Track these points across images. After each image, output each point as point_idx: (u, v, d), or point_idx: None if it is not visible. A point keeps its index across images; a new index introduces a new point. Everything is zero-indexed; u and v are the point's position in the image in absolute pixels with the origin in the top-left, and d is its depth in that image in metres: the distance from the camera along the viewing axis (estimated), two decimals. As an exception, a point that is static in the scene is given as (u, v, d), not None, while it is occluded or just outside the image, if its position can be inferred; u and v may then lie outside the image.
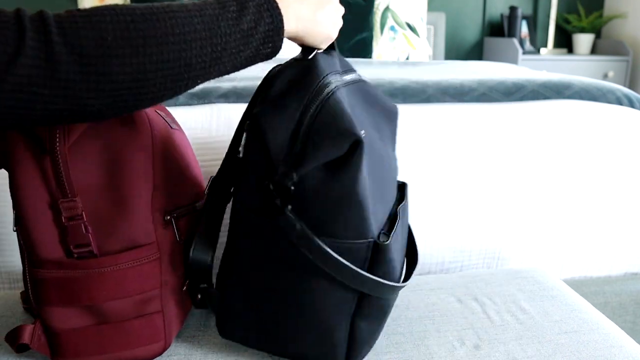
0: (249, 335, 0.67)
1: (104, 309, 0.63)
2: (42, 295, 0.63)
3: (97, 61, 0.46)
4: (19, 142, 0.60)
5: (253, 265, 0.64)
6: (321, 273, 0.62)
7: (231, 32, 0.54)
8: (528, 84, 1.22)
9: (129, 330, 0.65)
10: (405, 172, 1.05)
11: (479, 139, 1.10)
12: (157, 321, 0.66)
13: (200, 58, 0.52)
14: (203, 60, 0.52)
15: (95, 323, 0.64)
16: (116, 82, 0.48)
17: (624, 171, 1.15)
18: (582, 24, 3.02)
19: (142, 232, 0.63)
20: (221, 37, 0.53)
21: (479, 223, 1.08)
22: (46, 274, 0.62)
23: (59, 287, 0.62)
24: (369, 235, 0.62)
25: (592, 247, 1.16)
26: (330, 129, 0.59)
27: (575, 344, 0.73)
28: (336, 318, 0.64)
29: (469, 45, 3.12)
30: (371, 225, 0.62)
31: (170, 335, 0.68)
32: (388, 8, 2.42)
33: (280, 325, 0.65)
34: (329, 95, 0.62)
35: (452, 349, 0.72)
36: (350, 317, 0.66)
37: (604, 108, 1.21)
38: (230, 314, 0.67)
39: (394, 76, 1.32)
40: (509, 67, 1.83)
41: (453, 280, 0.91)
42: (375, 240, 0.63)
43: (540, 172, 1.11)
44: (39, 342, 0.64)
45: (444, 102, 1.18)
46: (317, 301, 0.63)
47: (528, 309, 0.82)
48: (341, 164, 0.59)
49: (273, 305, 0.65)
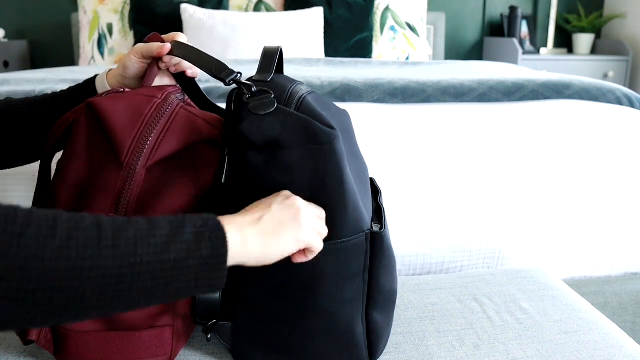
0: (270, 357, 0.67)
1: (117, 317, 0.63)
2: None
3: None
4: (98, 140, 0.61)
5: (254, 288, 0.64)
6: (324, 280, 0.62)
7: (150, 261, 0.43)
8: (528, 84, 1.22)
9: (137, 341, 0.64)
10: (405, 172, 1.05)
11: (479, 139, 1.10)
12: (167, 334, 0.66)
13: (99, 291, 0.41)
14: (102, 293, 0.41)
15: (104, 329, 0.64)
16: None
17: (624, 171, 1.15)
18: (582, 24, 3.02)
19: None
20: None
21: (479, 223, 1.08)
22: None
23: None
24: (365, 227, 0.64)
25: (592, 247, 1.16)
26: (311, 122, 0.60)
27: (575, 344, 0.73)
28: (350, 314, 0.65)
29: (469, 45, 3.12)
30: (363, 216, 0.63)
31: (177, 349, 0.68)
32: (388, 8, 2.42)
33: (299, 341, 0.65)
34: (302, 100, 0.64)
35: (452, 349, 0.72)
36: (363, 309, 0.67)
37: (604, 108, 1.21)
38: (246, 341, 0.67)
39: (394, 76, 1.32)
40: (509, 67, 1.83)
41: (453, 280, 0.91)
42: (372, 231, 0.65)
43: (540, 172, 1.10)
44: (45, 339, 0.64)
45: (444, 102, 1.18)
46: (327, 305, 0.63)
47: (528, 309, 0.82)
48: (325, 153, 0.59)
49: (285, 323, 0.64)
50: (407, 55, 2.43)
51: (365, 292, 0.66)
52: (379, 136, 1.07)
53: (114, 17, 2.33)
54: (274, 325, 0.65)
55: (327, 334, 0.65)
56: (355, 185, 0.65)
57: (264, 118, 0.59)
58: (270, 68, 0.67)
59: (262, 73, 0.67)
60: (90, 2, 2.34)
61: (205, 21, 2.22)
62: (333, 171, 0.59)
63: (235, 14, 2.24)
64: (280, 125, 0.59)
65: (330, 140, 0.59)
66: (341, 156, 0.60)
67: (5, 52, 2.59)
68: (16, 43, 2.62)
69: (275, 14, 2.26)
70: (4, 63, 2.59)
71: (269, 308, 0.64)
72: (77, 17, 2.59)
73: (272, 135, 0.58)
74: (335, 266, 0.62)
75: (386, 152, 1.05)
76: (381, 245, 0.65)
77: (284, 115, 0.60)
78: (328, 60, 1.89)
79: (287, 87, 0.65)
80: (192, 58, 0.69)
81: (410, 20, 2.45)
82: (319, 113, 0.62)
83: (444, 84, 1.20)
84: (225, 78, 0.65)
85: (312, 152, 0.59)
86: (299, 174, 0.59)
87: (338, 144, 0.60)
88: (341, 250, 0.62)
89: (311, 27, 2.27)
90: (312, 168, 0.59)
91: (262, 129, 0.59)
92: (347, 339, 0.66)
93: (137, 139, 0.61)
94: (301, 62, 1.85)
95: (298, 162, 0.59)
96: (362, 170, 0.72)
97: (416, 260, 1.07)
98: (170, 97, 0.67)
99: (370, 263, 0.66)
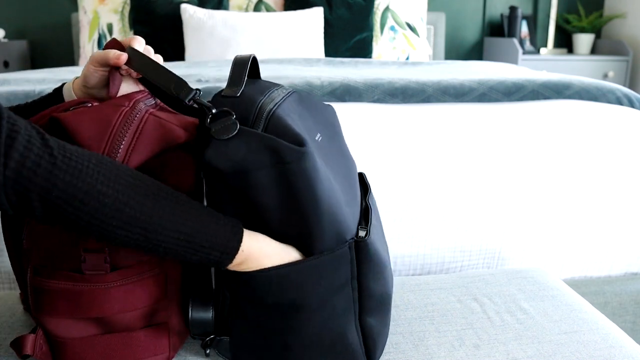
0: None
1: (110, 320, 0.63)
2: (46, 306, 0.62)
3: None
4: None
5: (245, 305, 0.64)
6: (313, 296, 0.62)
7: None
8: (528, 84, 1.22)
9: (135, 341, 0.64)
10: (405, 172, 1.05)
11: (479, 139, 1.10)
12: (162, 333, 0.66)
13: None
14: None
15: (101, 332, 0.63)
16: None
17: (624, 171, 1.15)
18: (582, 24, 3.02)
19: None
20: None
21: (479, 223, 1.08)
22: (53, 285, 0.61)
23: (66, 298, 0.61)
24: (348, 236, 0.63)
25: (592, 247, 1.16)
26: (277, 142, 0.58)
27: (575, 344, 0.73)
28: (343, 324, 0.65)
29: (469, 45, 3.12)
30: (346, 224, 0.63)
31: (175, 347, 0.68)
32: (388, 8, 2.42)
33: (296, 352, 0.64)
34: (271, 114, 0.61)
35: (452, 349, 0.72)
36: (356, 316, 0.66)
37: (604, 108, 1.21)
38: (244, 354, 0.67)
39: (394, 76, 1.32)
40: (509, 67, 1.83)
41: (453, 280, 0.91)
42: (355, 239, 0.64)
43: (540, 172, 1.10)
44: (41, 352, 0.64)
45: (444, 102, 1.18)
46: (319, 319, 0.63)
47: (528, 309, 0.82)
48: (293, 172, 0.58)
49: (280, 339, 0.64)
50: (407, 55, 2.43)
51: (356, 299, 0.66)
52: (379, 136, 1.07)
53: (114, 17, 2.33)
54: (269, 340, 0.64)
55: (321, 345, 0.64)
56: (340, 188, 0.64)
57: (227, 143, 0.58)
58: (241, 81, 0.65)
59: (231, 87, 0.64)
60: (90, 2, 2.35)
61: (205, 21, 2.22)
62: (305, 189, 0.58)
63: (235, 14, 2.24)
64: (245, 148, 0.57)
65: (297, 159, 0.57)
66: (312, 172, 0.58)
67: (5, 52, 2.59)
68: (16, 43, 2.62)
69: (275, 14, 2.26)
70: (4, 63, 2.59)
71: (263, 324, 0.64)
72: (77, 17, 2.59)
73: (237, 159, 0.57)
74: (322, 280, 0.62)
75: (386, 152, 1.05)
76: (367, 253, 0.64)
77: (248, 137, 0.58)
78: (328, 60, 1.89)
79: (256, 101, 0.63)
80: (149, 74, 0.65)
81: (410, 20, 2.45)
82: (289, 128, 0.59)
83: (444, 84, 1.20)
84: (184, 98, 0.62)
85: (279, 172, 0.57)
86: (269, 194, 0.58)
87: (307, 161, 0.58)
88: (324, 264, 0.61)
89: (311, 27, 2.27)
90: (282, 188, 0.58)
91: (227, 154, 0.57)
92: (342, 348, 0.65)
93: (107, 151, 0.59)
94: (301, 62, 1.85)
95: (267, 183, 0.57)
96: (349, 169, 0.71)
97: (416, 260, 1.07)
98: (139, 105, 0.63)
99: (357, 270, 0.65)
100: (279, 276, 0.60)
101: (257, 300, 0.62)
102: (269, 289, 0.61)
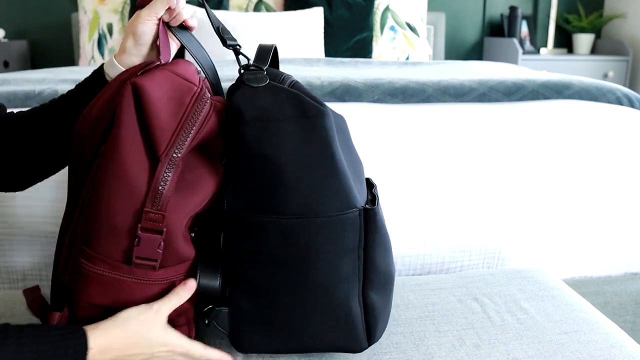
0: (268, 341, 0.67)
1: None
2: (81, 288, 0.62)
3: None
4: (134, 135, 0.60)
5: (251, 266, 0.65)
6: (320, 254, 0.63)
7: None
8: (528, 84, 1.22)
9: None
10: (405, 172, 1.05)
11: (479, 139, 1.10)
12: (184, 333, 0.67)
13: None
14: None
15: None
16: None
17: (624, 171, 1.15)
18: (582, 24, 3.02)
19: (185, 248, 0.64)
20: None
21: (479, 223, 1.08)
22: (94, 270, 0.61)
23: (104, 286, 0.61)
24: (356, 204, 0.64)
25: (592, 247, 1.16)
26: (302, 96, 0.62)
27: (575, 344, 0.73)
28: (347, 292, 0.66)
29: (469, 45, 3.12)
30: (355, 194, 0.64)
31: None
32: (388, 8, 2.42)
33: (296, 319, 0.65)
34: (294, 82, 0.67)
35: (452, 348, 0.72)
36: (359, 288, 0.67)
37: (604, 108, 1.21)
38: (244, 324, 0.67)
39: (394, 76, 1.31)
40: (509, 67, 1.83)
41: (453, 280, 0.91)
42: (365, 207, 0.65)
43: (540, 172, 1.11)
44: None
45: (444, 102, 1.18)
46: (324, 280, 0.64)
47: (528, 309, 0.82)
48: (314, 126, 0.61)
49: (283, 300, 0.65)
50: (407, 55, 2.43)
51: (361, 269, 0.67)
52: (379, 136, 1.07)
53: (114, 17, 2.33)
54: (272, 304, 0.65)
55: (324, 311, 0.65)
56: (350, 176, 0.66)
57: (256, 90, 0.63)
58: (266, 60, 0.69)
59: (258, 62, 0.69)
60: (90, 2, 2.34)
61: (206, 21, 2.22)
62: (323, 144, 0.61)
63: (235, 14, 2.24)
64: (271, 97, 0.62)
65: (319, 114, 0.61)
66: (331, 131, 0.62)
67: (5, 52, 2.59)
68: (16, 43, 2.62)
69: (275, 14, 2.26)
70: (4, 63, 2.59)
71: (267, 287, 0.65)
72: (77, 17, 2.59)
73: (262, 105, 0.61)
74: (331, 240, 0.63)
75: (386, 152, 1.05)
76: (375, 222, 0.66)
77: (276, 89, 0.63)
78: (328, 60, 1.89)
79: (280, 74, 0.68)
80: (206, 9, 0.70)
81: (410, 20, 2.45)
82: (310, 93, 0.64)
83: (444, 84, 1.20)
84: (227, 40, 0.69)
85: (301, 125, 0.61)
86: (289, 146, 0.61)
87: (327, 120, 0.62)
88: (335, 223, 0.63)
89: (311, 27, 2.27)
90: (301, 141, 0.61)
91: (254, 100, 0.62)
92: (344, 317, 0.66)
93: (178, 131, 0.60)
94: (301, 62, 1.85)
95: (288, 135, 0.61)
96: (358, 168, 0.72)
97: (416, 260, 1.07)
98: (204, 90, 0.64)
99: (365, 240, 0.66)
100: (289, 227, 0.62)
101: (263, 257, 0.63)
102: (278, 241, 0.62)
